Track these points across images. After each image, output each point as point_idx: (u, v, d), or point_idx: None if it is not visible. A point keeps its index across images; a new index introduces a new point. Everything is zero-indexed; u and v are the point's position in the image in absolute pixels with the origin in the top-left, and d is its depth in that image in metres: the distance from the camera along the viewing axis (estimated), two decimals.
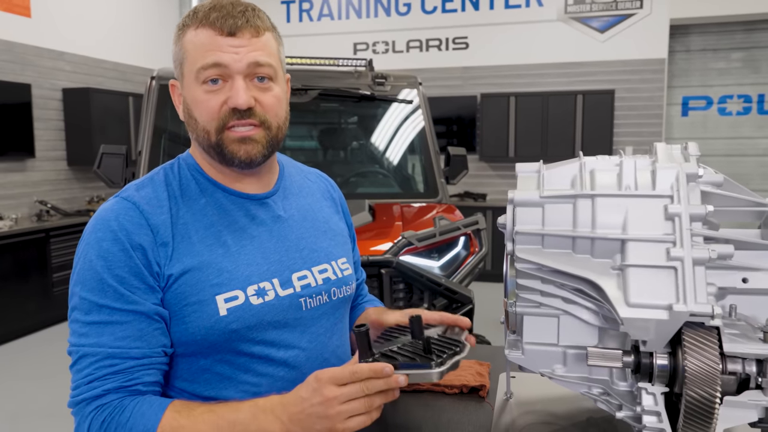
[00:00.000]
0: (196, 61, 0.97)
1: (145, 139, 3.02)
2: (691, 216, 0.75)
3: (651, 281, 0.75)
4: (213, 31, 0.96)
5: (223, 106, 0.98)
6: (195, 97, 0.99)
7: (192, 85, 0.99)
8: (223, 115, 0.98)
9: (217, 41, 0.96)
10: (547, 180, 0.86)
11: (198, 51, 0.97)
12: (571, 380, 0.92)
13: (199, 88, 0.98)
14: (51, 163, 6.22)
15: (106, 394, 0.89)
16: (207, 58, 0.96)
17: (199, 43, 0.97)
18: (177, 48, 1.01)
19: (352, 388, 0.82)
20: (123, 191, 1.01)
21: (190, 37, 0.98)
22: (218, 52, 0.96)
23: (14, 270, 5.14)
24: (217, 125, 0.98)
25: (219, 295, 0.96)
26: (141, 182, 1.03)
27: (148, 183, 1.02)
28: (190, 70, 0.99)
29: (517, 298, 0.94)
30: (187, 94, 1.01)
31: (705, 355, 0.72)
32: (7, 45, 5.64)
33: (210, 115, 0.98)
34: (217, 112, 0.98)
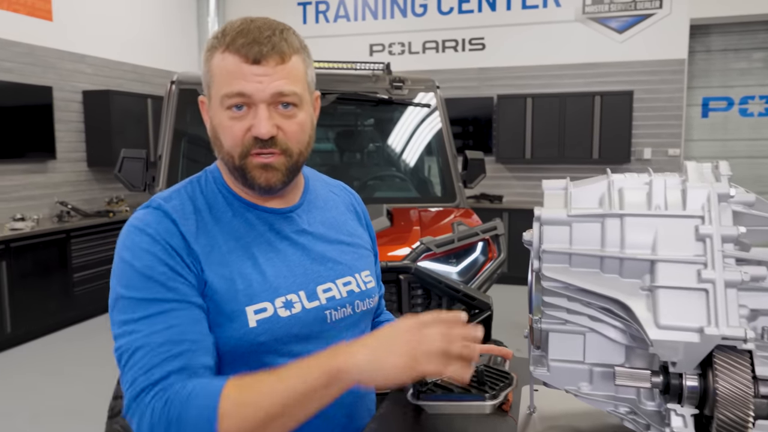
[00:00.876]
0: (222, 87, 0.97)
1: (165, 143, 3.05)
2: (723, 237, 0.74)
3: (681, 303, 0.74)
4: (239, 58, 0.96)
5: (246, 133, 0.98)
6: (221, 121, 0.99)
7: (218, 109, 0.99)
8: (247, 142, 0.98)
9: (242, 69, 0.96)
10: (574, 198, 0.85)
11: (224, 77, 0.97)
12: (598, 398, 0.91)
13: (224, 113, 0.98)
14: (71, 165, 6.32)
15: (169, 375, 0.86)
16: (232, 86, 0.96)
17: (225, 70, 0.97)
18: (205, 70, 1.01)
19: (436, 328, 0.83)
20: (151, 202, 1.01)
21: (217, 62, 0.98)
22: (242, 81, 0.95)
23: (36, 270, 5.23)
24: (240, 151, 0.99)
25: (249, 307, 0.97)
26: (168, 195, 1.04)
27: (175, 196, 1.03)
28: (216, 94, 0.99)
29: (543, 315, 0.94)
30: (214, 117, 1.01)
31: (737, 377, 0.72)
32: (30, 48, 5.73)
33: (234, 141, 0.99)
34: (240, 138, 0.98)
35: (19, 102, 5.57)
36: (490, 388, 0.91)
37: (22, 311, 5.06)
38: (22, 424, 3.63)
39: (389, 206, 2.96)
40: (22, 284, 5.06)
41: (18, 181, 5.70)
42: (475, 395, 0.89)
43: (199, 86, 3.59)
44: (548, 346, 0.94)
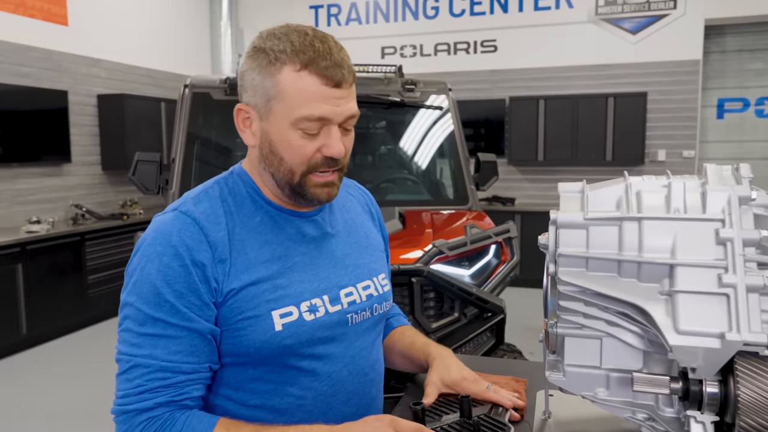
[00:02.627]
0: (298, 108, 0.94)
1: (178, 146, 3.07)
2: (744, 241, 0.72)
3: (702, 308, 0.73)
4: (320, 80, 0.94)
5: (316, 153, 0.98)
6: (286, 138, 0.97)
7: (284, 126, 0.97)
8: (315, 160, 0.98)
9: (323, 92, 0.94)
10: (591, 201, 0.84)
11: (302, 98, 0.94)
12: (615, 404, 0.90)
13: (293, 132, 0.96)
14: (86, 168, 6.38)
15: (158, 407, 0.91)
16: (313, 109, 0.94)
17: (304, 90, 0.94)
18: (268, 81, 0.96)
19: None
20: (181, 205, 1.00)
21: (290, 79, 0.94)
22: (324, 104, 0.94)
23: (51, 272, 5.28)
24: (305, 169, 0.99)
25: (275, 311, 0.98)
26: (197, 196, 1.03)
27: (205, 198, 1.02)
28: (286, 112, 0.96)
29: (559, 319, 0.93)
30: (274, 132, 0.98)
31: (759, 384, 0.70)
32: (45, 53, 5.79)
33: (301, 159, 0.98)
34: (309, 157, 0.98)
35: (35, 106, 5.64)
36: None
37: (38, 313, 5.11)
38: (37, 424, 3.66)
39: (401, 209, 2.96)
40: (38, 286, 5.12)
41: (34, 184, 5.76)
42: None
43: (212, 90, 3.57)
44: (564, 351, 0.92)
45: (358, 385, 1.08)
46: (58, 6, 5.91)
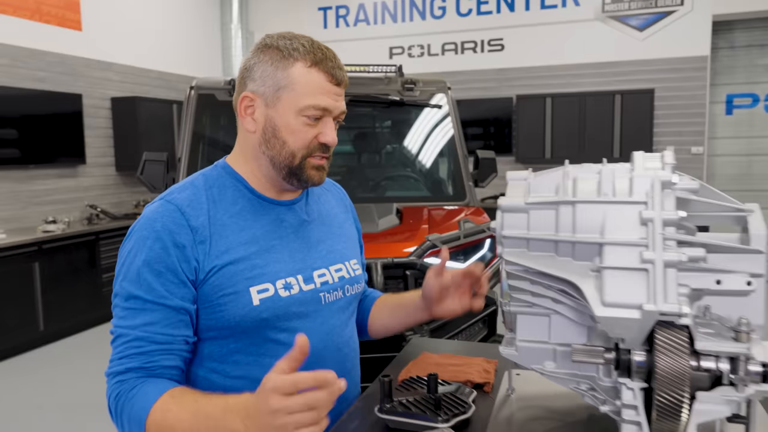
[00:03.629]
0: (306, 97, 1.09)
1: (184, 146, 3.17)
2: (664, 221, 0.79)
3: (625, 282, 0.79)
4: (326, 77, 1.10)
5: (314, 139, 1.12)
6: (290, 124, 1.11)
7: (290, 113, 1.11)
8: (313, 146, 1.13)
9: (328, 87, 1.10)
10: (533, 187, 0.91)
11: (311, 89, 1.09)
12: (561, 376, 0.97)
13: (298, 119, 1.11)
14: (100, 169, 6.54)
15: (128, 371, 1.02)
16: (319, 100, 1.10)
17: (312, 83, 1.10)
18: (280, 73, 1.10)
19: (296, 400, 0.81)
20: (167, 194, 1.12)
21: (301, 72, 1.09)
22: (327, 98, 1.11)
23: (67, 270, 5.43)
24: (305, 153, 1.13)
25: (252, 287, 1.08)
26: (183, 185, 1.15)
27: (189, 186, 1.14)
28: (293, 100, 1.10)
29: (511, 299, 1.00)
30: (279, 118, 1.11)
31: (675, 357, 0.77)
32: (60, 57, 5.96)
33: (303, 143, 1.12)
34: (309, 142, 1.12)
35: (51, 110, 5.80)
36: (444, 413, 1.04)
37: (54, 310, 5.26)
38: (53, 416, 3.79)
39: (400, 205, 3.03)
40: (54, 284, 5.27)
41: (50, 185, 5.93)
42: (429, 417, 1.03)
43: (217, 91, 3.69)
44: (516, 328, 1.00)
45: (333, 359, 1.17)
46: (72, 12, 6.07)
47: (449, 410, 1.06)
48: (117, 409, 1.01)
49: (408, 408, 1.06)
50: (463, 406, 1.08)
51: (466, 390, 1.17)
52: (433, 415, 1.03)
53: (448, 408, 1.06)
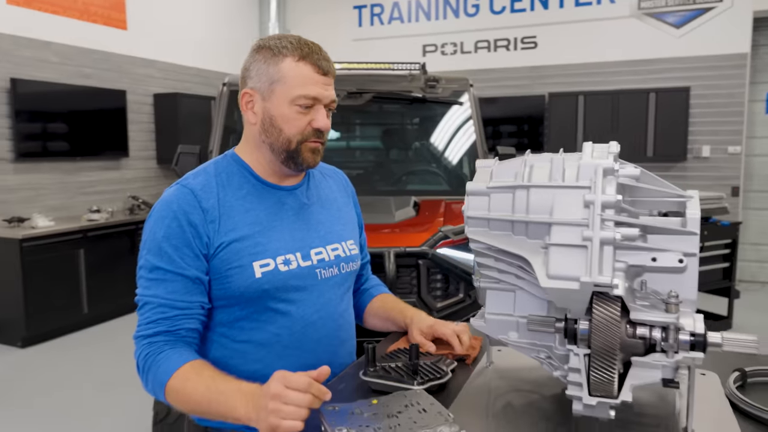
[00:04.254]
0: (296, 88, 1.22)
1: (215, 139, 3.35)
2: (603, 203, 0.89)
3: (567, 257, 0.89)
4: (313, 69, 1.23)
5: (307, 126, 1.25)
6: (284, 114, 1.24)
7: (283, 104, 1.24)
8: (307, 132, 1.26)
9: (316, 78, 1.23)
10: (495, 173, 1.02)
11: (300, 81, 1.22)
12: (523, 345, 1.07)
13: (291, 108, 1.24)
14: (142, 162, 6.85)
15: (157, 335, 1.17)
16: (309, 90, 1.22)
17: (300, 75, 1.22)
18: (272, 69, 1.23)
19: (292, 394, 0.96)
20: (183, 179, 1.28)
21: (291, 66, 1.22)
22: (316, 87, 1.23)
23: (109, 257, 5.74)
24: (300, 138, 1.26)
25: (255, 262, 1.22)
26: (196, 172, 1.31)
27: (202, 173, 1.29)
28: (285, 92, 1.23)
29: (480, 276, 1.11)
30: (275, 109, 1.25)
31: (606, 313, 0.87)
32: (106, 55, 6.27)
33: (297, 130, 1.25)
34: (303, 128, 1.25)
35: (96, 105, 6.12)
36: (421, 377, 1.16)
37: (97, 294, 5.57)
38: (94, 392, 4.06)
39: (418, 198, 3.14)
40: (97, 270, 5.58)
41: (95, 176, 6.26)
42: (406, 380, 1.16)
43: None
44: (485, 302, 1.10)
45: (328, 328, 1.31)
46: (118, 12, 6.38)
47: (426, 375, 1.17)
48: (144, 367, 1.17)
49: (389, 372, 1.18)
50: (440, 373, 1.19)
51: (447, 360, 1.28)
52: (410, 379, 1.15)
53: (425, 373, 1.18)
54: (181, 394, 1.11)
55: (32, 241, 5.00)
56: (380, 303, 1.55)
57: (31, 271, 4.97)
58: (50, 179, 5.79)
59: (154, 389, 1.15)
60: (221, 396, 1.07)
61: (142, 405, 3.74)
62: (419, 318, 1.44)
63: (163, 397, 1.13)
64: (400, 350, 1.34)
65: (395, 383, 1.15)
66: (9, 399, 3.93)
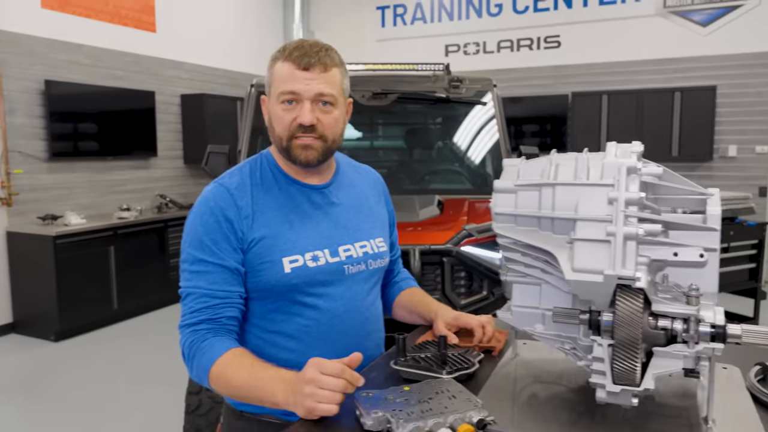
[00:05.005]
0: (279, 86, 1.29)
1: (244, 139, 3.44)
2: (627, 200, 0.93)
3: (592, 252, 0.94)
4: (293, 65, 1.27)
5: (293, 122, 1.30)
6: (275, 112, 1.32)
7: (274, 103, 1.31)
8: (293, 128, 1.30)
9: (296, 74, 1.27)
10: (522, 172, 1.07)
11: (281, 79, 1.29)
12: (548, 337, 1.12)
13: (279, 106, 1.30)
14: (170, 161, 7.00)
15: (200, 323, 1.24)
16: (287, 86, 1.27)
17: (282, 73, 1.29)
18: (268, 74, 1.34)
19: (328, 379, 1.02)
20: (219, 179, 1.36)
21: (277, 68, 1.30)
22: (294, 82, 1.27)
23: (139, 254, 5.89)
24: (287, 135, 1.31)
25: (285, 258, 1.29)
26: (232, 172, 1.38)
27: (237, 173, 1.37)
28: (274, 92, 1.31)
29: (508, 270, 1.16)
30: (271, 109, 1.33)
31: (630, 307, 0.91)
32: (136, 57, 6.43)
33: (284, 127, 1.31)
34: (288, 125, 1.30)
35: (126, 106, 6.28)
36: (450, 367, 1.22)
37: (127, 290, 5.72)
38: (123, 386, 4.18)
39: (442, 197, 3.19)
40: (127, 266, 5.73)
41: (125, 175, 6.42)
42: (436, 370, 1.21)
43: None
44: (512, 295, 1.15)
45: (355, 321, 1.36)
46: (147, 15, 6.53)
47: (454, 365, 1.22)
48: (189, 354, 1.24)
49: (418, 362, 1.24)
50: (467, 363, 1.24)
51: (474, 352, 1.34)
52: (439, 368, 1.21)
53: (453, 363, 1.23)
54: (223, 380, 1.18)
55: (65, 239, 5.17)
56: (408, 296, 1.61)
57: (64, 268, 5.13)
58: (82, 178, 5.96)
59: (199, 375, 1.22)
60: (261, 382, 1.13)
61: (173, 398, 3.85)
62: (444, 311, 1.49)
63: (207, 383, 1.20)
64: (428, 342, 1.40)
65: (425, 372, 1.21)
66: (44, 392, 4.07)
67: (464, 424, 0.94)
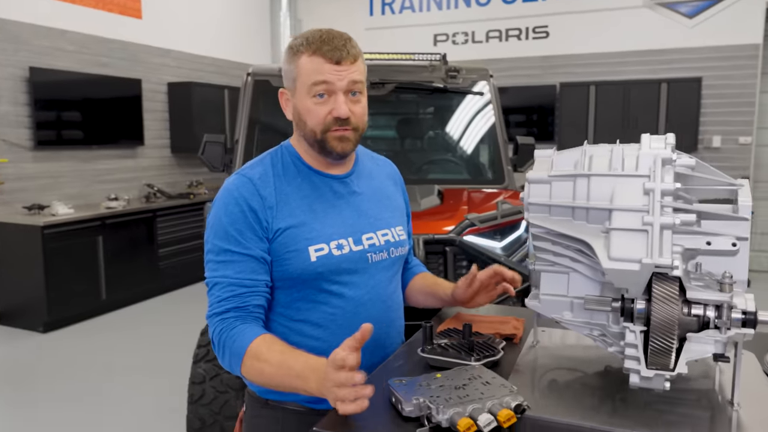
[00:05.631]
0: (309, 79, 1.28)
1: (241, 128, 3.41)
2: (663, 191, 0.95)
3: (628, 241, 0.96)
4: (324, 60, 1.27)
5: (328, 115, 1.30)
6: (306, 106, 1.31)
7: (304, 97, 1.31)
8: (328, 121, 1.31)
9: (326, 67, 1.28)
10: (555, 163, 1.08)
11: (312, 72, 1.28)
12: (577, 324, 1.14)
13: (310, 100, 1.30)
14: (157, 150, 6.91)
15: (228, 311, 1.25)
16: (320, 77, 1.27)
17: (312, 67, 1.28)
18: (291, 67, 1.32)
19: (340, 375, 1.00)
20: (242, 170, 1.36)
21: (304, 61, 1.29)
22: (328, 74, 1.28)
23: (127, 245, 5.83)
24: (322, 128, 1.32)
25: (311, 246, 1.30)
26: (253, 163, 1.39)
27: (259, 164, 1.38)
28: (303, 84, 1.30)
29: (536, 259, 1.18)
30: (299, 103, 1.33)
31: (668, 307, 0.94)
32: (122, 44, 6.32)
33: (318, 120, 1.31)
34: (323, 118, 1.31)
35: (112, 94, 6.19)
36: (477, 354, 1.24)
37: (115, 281, 5.67)
38: (114, 376, 4.16)
39: (441, 187, 3.20)
40: (116, 257, 5.67)
41: (111, 165, 6.33)
42: (465, 357, 1.23)
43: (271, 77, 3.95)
44: (540, 283, 1.17)
45: (378, 309, 1.38)
46: (133, 1, 6.42)
47: (481, 352, 1.25)
48: (220, 342, 1.25)
49: (446, 349, 1.26)
50: (493, 350, 1.27)
51: (496, 340, 1.36)
52: (467, 356, 1.23)
53: (480, 351, 1.25)
54: (255, 369, 1.19)
55: (53, 228, 5.09)
56: (422, 279, 1.64)
57: (52, 258, 5.06)
58: (68, 167, 5.86)
59: (231, 363, 1.22)
60: (291, 371, 1.14)
61: (165, 388, 3.84)
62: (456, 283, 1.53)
63: (239, 371, 1.21)
64: (450, 330, 1.42)
65: (453, 360, 1.23)
66: (33, 383, 4.03)
67: (504, 409, 0.96)
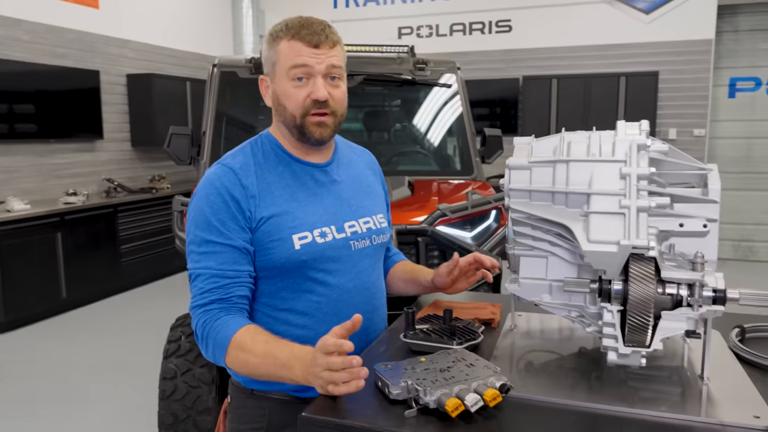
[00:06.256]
0: (289, 62, 1.28)
1: (208, 120, 3.36)
2: (638, 176, 0.99)
3: (606, 224, 1.00)
4: (302, 43, 1.28)
5: (306, 98, 1.30)
6: (285, 90, 1.31)
7: (283, 80, 1.31)
8: (307, 104, 1.30)
9: (305, 50, 1.28)
10: (535, 150, 1.11)
11: (291, 56, 1.29)
12: (555, 306, 1.18)
13: (289, 83, 1.30)
14: (117, 144, 6.74)
15: (212, 303, 1.24)
16: (298, 60, 1.28)
17: (291, 51, 1.29)
18: (271, 52, 1.32)
19: (333, 359, 1.01)
20: (222, 160, 1.35)
21: (283, 46, 1.30)
22: (306, 57, 1.28)
23: (87, 241, 5.67)
24: (301, 112, 1.31)
25: (294, 235, 1.30)
26: (234, 153, 1.38)
27: (240, 153, 1.37)
28: (282, 69, 1.30)
29: (515, 244, 1.21)
30: (278, 87, 1.32)
31: (644, 286, 0.98)
32: (78, 34, 6.13)
33: (297, 104, 1.31)
34: (302, 102, 1.30)
35: (70, 86, 6.00)
36: (458, 338, 1.27)
37: (76, 279, 5.51)
38: (77, 375, 4.06)
39: (411, 178, 3.23)
40: (76, 254, 5.51)
41: (69, 158, 6.14)
42: (447, 341, 1.26)
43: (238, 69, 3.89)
44: (519, 268, 1.21)
45: (362, 296, 1.39)
46: None
47: (462, 336, 1.27)
48: (203, 334, 1.24)
49: (428, 334, 1.28)
50: (474, 334, 1.29)
51: (475, 324, 1.39)
52: (449, 340, 1.25)
53: (461, 334, 1.28)
54: (239, 359, 1.19)
55: (8, 225, 4.92)
56: (402, 266, 1.66)
57: (7, 256, 4.89)
58: (23, 161, 5.66)
59: (215, 355, 1.22)
60: (277, 360, 1.14)
61: (133, 386, 3.77)
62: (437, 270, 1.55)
63: (223, 362, 1.20)
64: (430, 316, 1.44)
65: (436, 344, 1.25)
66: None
67: (489, 388, 0.98)
